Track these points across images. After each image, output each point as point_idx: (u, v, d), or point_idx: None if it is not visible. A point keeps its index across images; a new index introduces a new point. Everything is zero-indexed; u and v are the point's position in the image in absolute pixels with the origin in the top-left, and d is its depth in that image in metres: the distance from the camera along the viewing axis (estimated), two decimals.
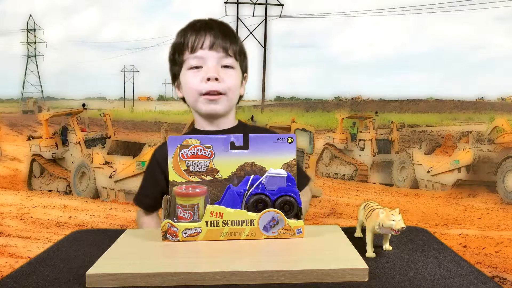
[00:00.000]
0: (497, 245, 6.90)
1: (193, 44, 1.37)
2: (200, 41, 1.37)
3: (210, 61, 1.36)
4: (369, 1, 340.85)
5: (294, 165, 1.06)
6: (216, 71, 1.36)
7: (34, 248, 6.48)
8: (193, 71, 1.37)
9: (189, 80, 1.39)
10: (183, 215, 1.00)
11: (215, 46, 1.36)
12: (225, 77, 1.37)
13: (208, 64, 1.36)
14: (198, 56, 1.37)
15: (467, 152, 11.83)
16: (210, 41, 1.36)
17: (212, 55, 1.36)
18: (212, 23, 1.41)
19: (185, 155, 1.04)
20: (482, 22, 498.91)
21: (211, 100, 1.37)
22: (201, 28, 1.38)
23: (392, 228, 0.95)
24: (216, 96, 1.37)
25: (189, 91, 1.40)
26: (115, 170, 10.08)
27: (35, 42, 68.02)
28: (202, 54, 1.36)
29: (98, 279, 0.84)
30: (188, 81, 1.39)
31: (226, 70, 1.38)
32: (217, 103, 1.38)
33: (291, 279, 0.85)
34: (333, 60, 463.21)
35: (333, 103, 51.34)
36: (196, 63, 1.37)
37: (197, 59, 1.37)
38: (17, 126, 26.52)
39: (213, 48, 1.36)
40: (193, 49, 1.37)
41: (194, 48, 1.37)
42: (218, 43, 1.37)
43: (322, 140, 14.53)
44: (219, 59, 1.37)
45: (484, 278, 0.87)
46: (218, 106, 1.38)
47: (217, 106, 1.38)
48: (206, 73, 1.36)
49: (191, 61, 1.37)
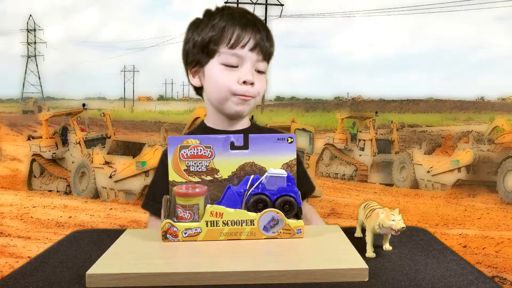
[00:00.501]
0: (497, 245, 6.90)
1: (236, 39, 1.27)
2: (244, 40, 1.27)
3: (247, 63, 1.29)
4: (369, 1, 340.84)
5: (294, 165, 1.06)
6: (252, 75, 1.29)
7: (34, 248, 6.49)
8: (228, 69, 1.29)
9: (221, 78, 1.30)
10: (183, 215, 1.00)
11: (256, 48, 1.29)
12: (257, 81, 1.31)
13: (245, 66, 1.29)
14: (237, 54, 1.28)
15: (467, 152, 11.84)
16: (254, 43, 1.28)
17: (251, 57, 1.29)
18: (255, 21, 1.32)
19: (185, 155, 1.04)
20: (482, 22, 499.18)
21: (244, 100, 1.30)
22: (247, 25, 1.29)
23: (392, 228, 0.95)
24: (248, 98, 1.31)
25: (220, 88, 1.31)
26: (115, 170, 10.09)
27: (35, 42, 68.03)
28: (242, 53, 1.28)
29: (98, 279, 0.84)
30: (220, 79, 1.30)
31: (258, 75, 1.32)
32: (246, 105, 1.32)
33: (291, 279, 0.85)
34: (333, 60, 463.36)
35: (333, 103, 51.38)
36: (233, 61, 1.28)
37: (236, 58, 1.28)
38: (17, 126, 26.54)
39: (253, 50, 1.28)
40: (233, 45, 1.28)
41: (235, 45, 1.28)
42: (261, 45, 1.29)
43: (322, 140, 14.54)
44: (255, 62, 1.30)
45: (484, 278, 0.87)
46: (246, 108, 1.32)
47: (246, 107, 1.32)
48: (244, 76, 1.28)
49: (229, 58, 1.28)
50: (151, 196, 1.41)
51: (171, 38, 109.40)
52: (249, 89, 1.29)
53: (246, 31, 1.28)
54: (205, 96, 1.38)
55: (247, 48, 1.28)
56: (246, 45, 1.28)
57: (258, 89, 1.31)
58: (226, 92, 1.30)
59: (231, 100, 1.31)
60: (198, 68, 1.35)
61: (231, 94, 1.30)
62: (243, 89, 1.28)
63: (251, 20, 1.31)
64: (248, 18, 1.31)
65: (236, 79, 1.28)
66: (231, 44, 1.28)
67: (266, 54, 1.32)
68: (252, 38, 1.28)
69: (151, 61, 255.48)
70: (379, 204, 1.01)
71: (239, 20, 1.30)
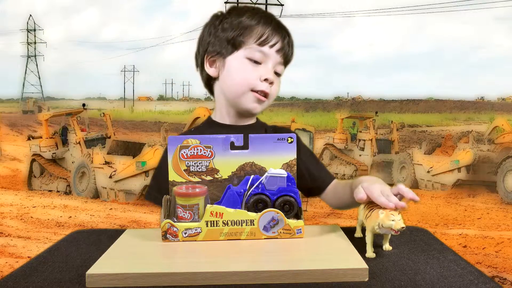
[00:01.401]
0: (497, 245, 6.90)
1: (266, 38, 1.30)
2: (273, 40, 1.30)
3: (271, 62, 1.31)
4: (369, 1, 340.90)
5: (294, 165, 1.06)
6: (273, 74, 1.31)
7: (34, 248, 6.48)
8: (251, 64, 1.30)
9: (244, 71, 1.30)
10: (183, 215, 1.00)
11: (282, 51, 1.32)
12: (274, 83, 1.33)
13: (268, 65, 1.31)
14: (264, 51, 1.30)
15: (467, 152, 11.84)
16: (281, 45, 1.32)
17: (275, 57, 1.31)
18: (281, 23, 1.36)
19: (185, 155, 1.04)
20: (482, 22, 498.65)
21: (260, 99, 1.32)
22: (277, 26, 1.33)
23: (391, 228, 0.95)
24: (265, 98, 1.32)
25: (241, 81, 1.31)
26: (115, 170, 10.09)
27: (35, 42, 68.00)
28: (268, 52, 1.30)
29: (98, 279, 0.84)
30: (243, 72, 1.31)
31: (276, 77, 1.34)
32: (260, 104, 1.33)
33: (291, 279, 0.85)
34: (333, 60, 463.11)
35: (333, 103, 51.37)
36: (259, 58, 1.30)
37: (262, 55, 1.30)
38: (17, 126, 26.53)
39: (279, 51, 1.31)
40: (263, 42, 1.30)
41: (264, 43, 1.30)
42: (285, 48, 1.33)
43: (322, 140, 14.53)
44: (276, 64, 1.32)
45: (484, 278, 0.87)
46: (259, 107, 1.34)
47: (259, 107, 1.34)
48: (266, 73, 1.30)
49: (255, 54, 1.30)
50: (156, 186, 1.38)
51: (171, 38, 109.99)
52: (268, 88, 1.31)
53: (276, 32, 1.31)
54: (218, 88, 1.37)
55: (275, 48, 1.30)
56: (274, 46, 1.30)
57: (273, 91, 1.33)
58: (245, 87, 1.31)
59: (248, 96, 1.31)
60: (217, 57, 1.35)
61: (250, 89, 1.30)
62: (263, 86, 1.30)
63: (281, 24, 1.35)
64: (276, 21, 1.35)
65: (258, 75, 1.30)
66: (261, 41, 1.29)
67: (287, 59, 1.35)
68: (280, 40, 1.31)
69: (151, 61, 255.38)
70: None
71: (271, 21, 1.33)
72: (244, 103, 1.33)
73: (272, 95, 1.33)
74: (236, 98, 1.33)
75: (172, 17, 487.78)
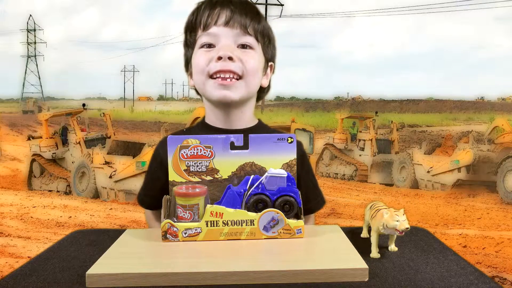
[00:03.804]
0: (497, 245, 6.90)
1: (206, 20, 1.20)
2: (215, 17, 1.20)
3: (224, 39, 1.19)
4: (369, 1, 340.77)
5: (294, 165, 1.06)
6: (230, 49, 1.18)
7: (34, 248, 6.48)
8: (204, 50, 1.20)
9: (198, 60, 1.21)
10: (183, 215, 1.00)
11: (232, 22, 1.19)
12: (242, 56, 1.19)
13: (221, 42, 1.19)
14: (210, 33, 1.19)
15: (467, 152, 11.84)
16: (226, 16, 1.19)
17: (227, 32, 1.19)
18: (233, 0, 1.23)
19: (185, 155, 1.04)
20: (482, 22, 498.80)
21: (222, 84, 1.18)
22: (217, 3, 1.21)
23: (396, 228, 0.95)
24: (229, 81, 1.18)
25: (197, 73, 1.22)
26: (115, 170, 10.09)
27: (35, 42, 67.99)
28: (215, 31, 1.19)
29: (98, 279, 0.84)
30: (197, 62, 1.21)
31: (244, 50, 1.20)
32: (229, 89, 1.18)
33: (291, 279, 0.85)
34: (333, 60, 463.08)
35: (333, 103, 51.36)
36: (207, 40, 1.20)
37: (210, 37, 1.19)
38: (17, 126, 26.52)
39: (228, 24, 1.19)
40: (206, 26, 1.20)
41: (207, 25, 1.20)
42: (235, 18, 1.19)
43: (322, 140, 14.53)
44: (235, 37, 1.19)
45: (484, 278, 0.87)
46: (231, 93, 1.19)
47: (231, 92, 1.19)
48: (218, 52, 1.17)
49: (203, 39, 1.20)
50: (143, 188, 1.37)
51: (171, 38, 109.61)
52: (226, 64, 1.17)
53: (215, 9, 1.21)
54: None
55: (221, 24, 1.20)
56: (218, 22, 1.20)
57: (247, 66, 1.19)
58: (202, 76, 1.21)
59: (209, 84, 1.20)
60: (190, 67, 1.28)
61: (207, 76, 1.20)
62: (218, 66, 1.17)
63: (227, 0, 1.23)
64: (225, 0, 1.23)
65: (211, 57, 1.19)
66: (203, 25, 1.21)
67: (247, 27, 1.21)
68: (223, 13, 1.20)
69: (151, 61, 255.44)
70: (385, 205, 1.01)
71: (209, 2, 1.23)
72: (209, 94, 1.22)
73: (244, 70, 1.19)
74: (202, 90, 1.24)
75: (172, 17, 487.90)
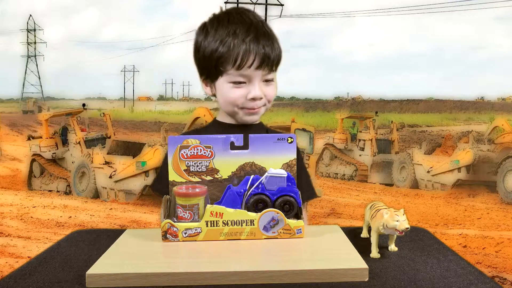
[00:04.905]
0: (497, 245, 6.90)
1: (241, 62, 1.28)
2: (249, 60, 1.28)
3: (255, 80, 1.30)
4: (369, 1, 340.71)
5: (294, 165, 1.06)
6: (261, 90, 1.31)
7: (34, 248, 6.49)
8: (235, 86, 1.31)
9: (230, 95, 1.32)
10: (183, 215, 1.00)
11: (263, 65, 1.29)
12: (265, 90, 1.33)
13: (253, 83, 1.30)
14: (243, 74, 1.29)
15: (467, 152, 11.84)
16: (259, 61, 1.28)
17: (258, 74, 1.30)
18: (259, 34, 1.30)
19: (185, 155, 1.04)
20: (482, 22, 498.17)
21: (250, 113, 1.34)
22: (254, 39, 1.28)
23: (396, 228, 0.95)
24: (256, 109, 1.34)
25: (229, 103, 1.34)
26: (115, 170, 10.09)
27: (35, 42, 67.95)
28: (248, 73, 1.29)
29: (98, 279, 0.84)
30: (228, 95, 1.32)
31: (267, 84, 1.33)
32: (256, 114, 1.36)
33: (291, 279, 0.85)
34: (333, 60, 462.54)
35: (333, 103, 51.34)
36: (240, 79, 1.30)
37: (242, 77, 1.30)
38: (17, 126, 26.52)
39: (260, 67, 1.29)
40: (239, 66, 1.28)
41: (241, 66, 1.28)
42: (267, 62, 1.29)
43: (322, 140, 14.53)
44: (263, 76, 1.31)
45: (484, 278, 0.87)
46: (257, 116, 1.37)
47: (256, 116, 1.37)
48: (251, 92, 1.30)
49: (236, 78, 1.30)
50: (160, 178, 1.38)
51: (171, 38, 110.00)
52: (257, 103, 1.33)
53: (251, 50, 1.28)
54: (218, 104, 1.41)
55: (253, 67, 1.28)
56: (252, 65, 1.28)
57: (269, 97, 1.35)
58: (234, 107, 1.34)
59: (240, 113, 1.35)
60: (209, 80, 1.38)
61: (239, 108, 1.34)
62: (250, 104, 1.33)
63: (255, 36, 1.29)
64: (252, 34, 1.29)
65: (244, 94, 1.31)
66: (237, 65, 1.28)
67: (273, 66, 1.32)
68: (257, 56, 1.28)
69: (151, 61, 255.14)
70: (385, 205, 1.01)
71: (243, 38, 1.28)
72: (239, 119, 1.37)
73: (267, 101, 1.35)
74: (231, 115, 1.38)
75: (172, 17, 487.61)
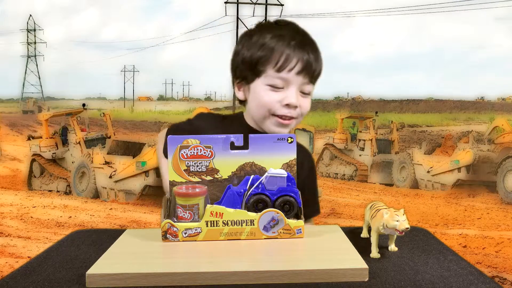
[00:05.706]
0: (497, 245, 6.90)
1: (283, 63, 1.25)
2: (291, 63, 1.25)
3: (293, 86, 1.27)
4: (369, 1, 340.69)
5: (294, 165, 1.06)
6: (297, 99, 1.28)
7: (34, 248, 6.49)
8: (273, 89, 1.28)
9: (265, 97, 1.29)
10: (183, 215, 1.00)
11: (304, 72, 1.26)
12: (301, 102, 1.29)
13: (290, 89, 1.27)
14: (283, 77, 1.26)
15: (467, 152, 11.85)
16: (302, 66, 1.26)
17: (297, 80, 1.27)
18: (305, 42, 1.29)
19: (185, 155, 1.04)
20: (482, 22, 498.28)
21: (282, 124, 1.30)
22: (299, 45, 1.27)
23: (396, 228, 0.95)
24: (287, 121, 1.30)
25: (261, 106, 1.30)
26: (115, 170, 10.10)
27: (35, 42, 67.94)
28: (288, 76, 1.26)
29: (98, 279, 0.84)
30: (263, 98, 1.29)
31: (303, 96, 1.30)
32: (286, 127, 1.31)
33: (291, 279, 0.85)
34: (333, 60, 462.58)
35: (333, 103, 51.36)
36: (279, 84, 1.27)
37: (281, 81, 1.27)
38: (17, 126, 26.53)
39: (300, 73, 1.26)
40: (280, 68, 1.26)
41: (282, 68, 1.26)
42: (308, 69, 1.27)
43: (322, 140, 14.55)
44: (301, 85, 1.28)
45: (484, 278, 0.87)
46: (286, 130, 1.32)
47: (286, 129, 1.32)
48: (288, 99, 1.27)
49: (274, 80, 1.27)
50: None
51: (171, 38, 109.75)
52: (291, 111, 1.28)
53: (294, 54, 1.26)
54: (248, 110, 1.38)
55: (294, 71, 1.26)
56: (293, 69, 1.26)
57: (302, 110, 1.31)
58: (266, 112, 1.29)
59: (270, 120, 1.30)
60: (244, 83, 1.34)
61: (271, 114, 1.29)
62: (284, 111, 1.28)
63: (300, 41, 1.28)
64: (298, 39, 1.28)
65: (279, 100, 1.28)
66: (278, 67, 1.26)
67: (313, 77, 1.30)
68: (300, 61, 1.26)
69: (151, 61, 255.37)
70: (385, 205, 1.01)
71: (288, 41, 1.27)
72: (267, 127, 1.32)
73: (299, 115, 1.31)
74: (259, 121, 1.33)
75: (172, 17, 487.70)
